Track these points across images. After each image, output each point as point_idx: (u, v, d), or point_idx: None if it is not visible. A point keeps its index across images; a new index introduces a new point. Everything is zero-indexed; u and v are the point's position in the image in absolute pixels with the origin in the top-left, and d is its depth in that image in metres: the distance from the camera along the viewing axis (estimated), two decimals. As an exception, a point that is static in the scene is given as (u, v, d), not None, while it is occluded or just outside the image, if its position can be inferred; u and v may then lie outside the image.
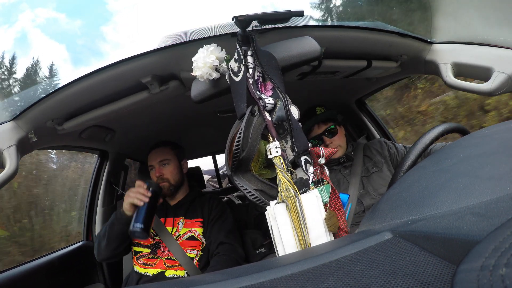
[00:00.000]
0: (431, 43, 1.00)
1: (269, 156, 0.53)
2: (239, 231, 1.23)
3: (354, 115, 1.72)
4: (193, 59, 0.62)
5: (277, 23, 0.59)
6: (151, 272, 1.09)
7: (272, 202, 0.51)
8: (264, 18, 0.57)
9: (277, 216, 0.49)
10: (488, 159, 0.32)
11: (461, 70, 0.93)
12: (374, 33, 0.95)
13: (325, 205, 0.51)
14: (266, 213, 0.51)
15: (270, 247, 1.35)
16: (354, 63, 1.04)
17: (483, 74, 0.85)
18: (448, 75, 0.94)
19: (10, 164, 0.77)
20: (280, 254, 0.48)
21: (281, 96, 0.56)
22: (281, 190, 0.50)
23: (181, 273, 1.08)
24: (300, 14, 0.57)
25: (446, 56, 0.96)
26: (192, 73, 0.62)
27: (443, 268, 0.22)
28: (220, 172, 3.30)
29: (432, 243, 0.25)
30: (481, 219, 0.23)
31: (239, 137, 0.53)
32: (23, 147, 0.84)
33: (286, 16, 0.58)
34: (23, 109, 0.83)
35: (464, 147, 0.39)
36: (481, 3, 0.86)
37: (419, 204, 0.31)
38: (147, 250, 1.13)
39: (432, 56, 1.00)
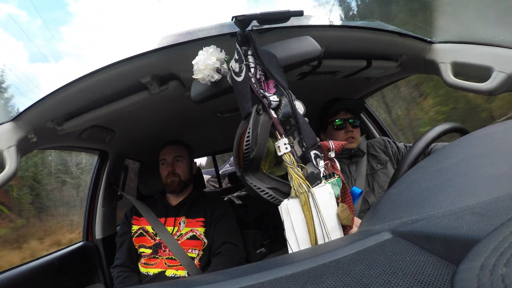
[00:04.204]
0: (431, 42, 1.00)
1: (279, 154, 0.53)
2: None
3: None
4: (193, 62, 0.62)
5: (277, 23, 0.59)
6: (152, 271, 1.09)
7: (286, 199, 0.51)
8: (264, 18, 0.57)
9: (290, 211, 0.50)
10: (488, 159, 0.32)
11: (461, 70, 0.93)
12: (374, 33, 0.95)
13: (336, 198, 0.51)
14: (279, 207, 0.52)
15: (270, 247, 1.35)
16: (354, 63, 1.04)
17: (483, 73, 0.85)
18: (448, 75, 0.94)
19: (10, 165, 0.77)
20: (293, 248, 0.49)
21: (285, 93, 0.56)
22: (293, 186, 0.51)
23: (181, 273, 1.08)
24: (299, 14, 0.57)
25: (446, 55, 0.96)
26: (193, 76, 0.62)
27: (443, 268, 0.22)
28: (220, 172, 3.29)
29: (432, 243, 0.25)
30: (481, 218, 0.23)
31: (248, 137, 0.53)
32: (23, 147, 0.84)
33: (285, 16, 0.58)
34: (23, 110, 0.83)
35: (464, 147, 0.38)
36: (481, 3, 0.86)
37: (419, 204, 0.31)
38: (148, 251, 1.13)
39: (432, 56, 1.00)
